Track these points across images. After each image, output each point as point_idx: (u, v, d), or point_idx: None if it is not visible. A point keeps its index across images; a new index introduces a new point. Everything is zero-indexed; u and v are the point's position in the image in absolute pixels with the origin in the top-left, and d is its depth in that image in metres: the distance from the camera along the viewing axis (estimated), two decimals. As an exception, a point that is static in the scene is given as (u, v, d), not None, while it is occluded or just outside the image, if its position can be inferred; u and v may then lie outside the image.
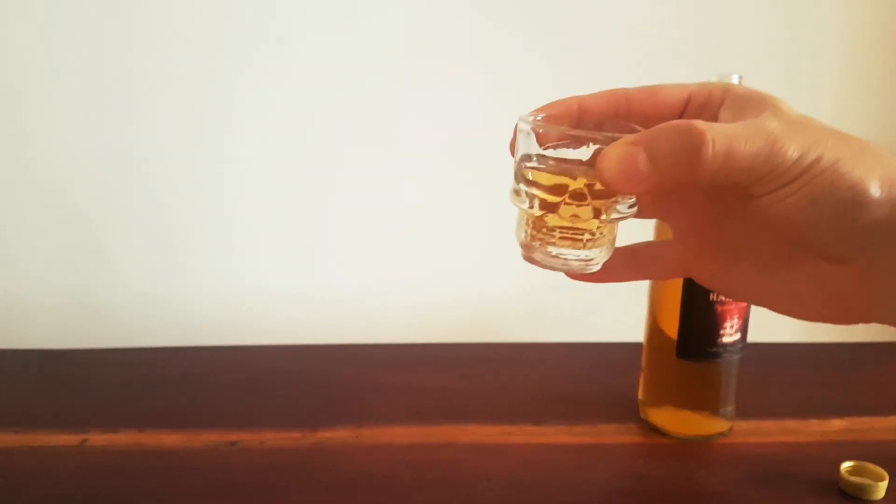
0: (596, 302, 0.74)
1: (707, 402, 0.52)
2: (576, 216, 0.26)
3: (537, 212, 0.27)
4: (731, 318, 0.49)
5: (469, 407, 0.56)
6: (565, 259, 0.27)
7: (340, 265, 0.75)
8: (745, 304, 0.50)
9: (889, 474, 0.45)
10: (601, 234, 0.27)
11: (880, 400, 0.59)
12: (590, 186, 0.26)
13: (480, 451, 0.50)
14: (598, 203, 0.26)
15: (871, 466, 0.46)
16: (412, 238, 0.75)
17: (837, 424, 0.54)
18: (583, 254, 0.27)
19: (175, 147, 0.70)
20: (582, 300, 0.75)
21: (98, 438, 0.51)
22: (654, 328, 0.53)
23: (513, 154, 0.28)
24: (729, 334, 0.50)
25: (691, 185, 0.24)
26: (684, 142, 0.23)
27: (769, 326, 0.59)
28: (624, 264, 0.31)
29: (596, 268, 0.28)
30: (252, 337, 0.71)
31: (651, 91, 0.28)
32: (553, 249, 0.27)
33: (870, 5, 0.73)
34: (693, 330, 0.50)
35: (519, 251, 0.29)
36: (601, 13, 0.70)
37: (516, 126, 0.27)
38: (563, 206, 0.26)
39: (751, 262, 0.28)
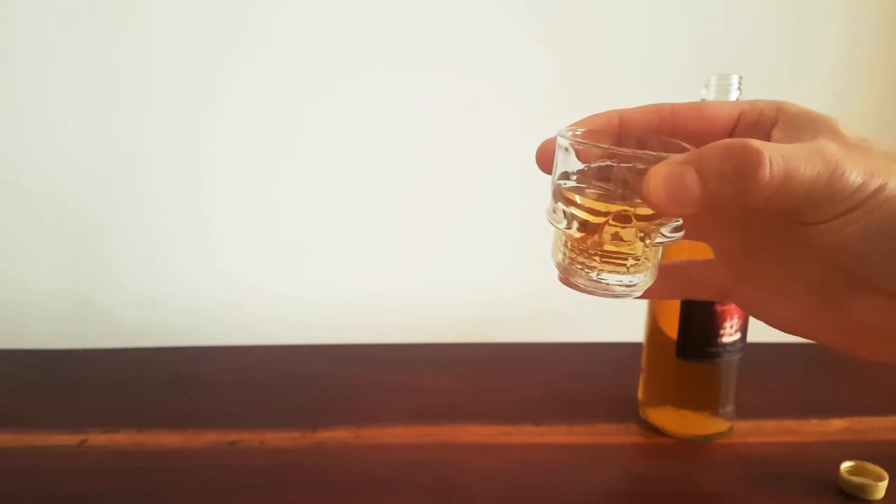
0: (596, 302, 0.74)
1: (707, 402, 0.52)
2: (620, 240, 0.25)
3: (577, 234, 0.25)
4: (731, 318, 0.49)
5: (469, 407, 0.56)
6: (607, 284, 0.25)
7: (340, 265, 0.75)
8: (745, 304, 0.50)
9: (889, 474, 0.45)
10: (646, 258, 0.25)
11: (880, 400, 0.59)
12: (635, 208, 0.24)
13: (480, 451, 0.50)
14: (643, 225, 0.24)
15: (871, 466, 0.46)
16: (412, 238, 0.75)
17: (837, 424, 0.54)
18: (626, 279, 0.25)
19: (176, 147, 0.70)
20: (582, 301, 0.75)
21: (98, 438, 0.51)
22: (654, 328, 0.53)
23: (540, 166, 0.27)
24: (729, 334, 0.50)
25: (744, 208, 0.22)
26: (739, 161, 0.21)
27: (769, 326, 0.59)
28: (662, 283, 0.29)
29: (639, 293, 0.26)
30: (252, 337, 0.71)
31: (698, 107, 0.26)
32: (595, 274, 0.25)
33: (870, 5, 0.73)
34: (693, 330, 0.50)
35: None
36: (602, 13, 0.70)
37: (555, 140, 0.26)
38: (606, 229, 0.24)
39: (797, 292, 0.26)
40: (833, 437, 0.53)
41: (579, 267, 0.26)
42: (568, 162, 0.25)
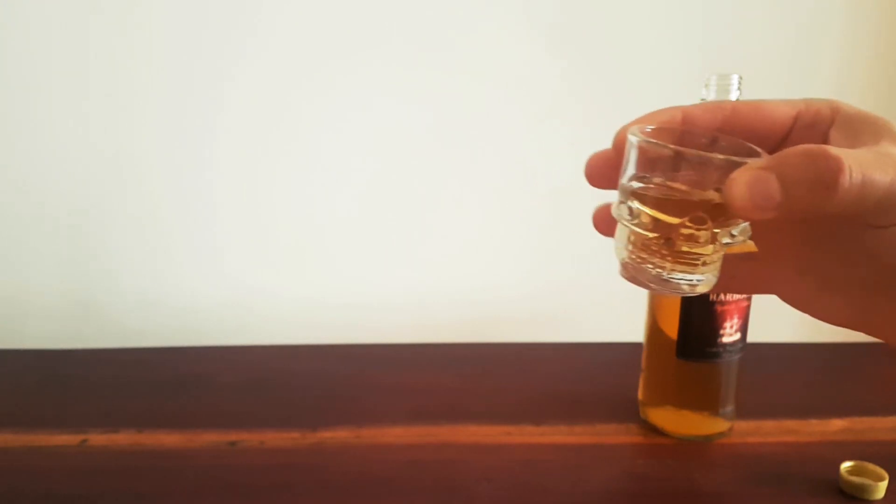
0: (596, 302, 0.74)
1: (707, 402, 0.52)
2: (694, 241, 0.25)
3: (650, 234, 0.26)
4: (731, 318, 0.49)
5: (469, 407, 0.56)
6: (677, 283, 0.26)
7: (341, 266, 0.75)
8: (745, 304, 0.50)
9: (889, 474, 0.45)
10: (717, 258, 0.26)
11: (880, 400, 0.59)
12: (711, 210, 0.25)
13: (480, 451, 0.50)
14: (716, 227, 0.25)
15: (871, 466, 0.46)
16: (412, 239, 0.75)
17: (837, 424, 0.54)
18: (695, 278, 0.26)
19: (177, 147, 0.70)
20: (582, 301, 0.75)
21: (98, 438, 0.51)
22: (654, 328, 0.53)
23: (593, 181, 0.27)
24: (729, 334, 0.50)
25: (818, 214, 0.22)
26: (820, 169, 0.21)
27: (769, 326, 0.59)
28: None
29: (704, 290, 0.27)
30: (252, 337, 0.71)
31: (757, 106, 0.27)
32: (665, 274, 0.26)
33: (870, 5, 0.73)
34: (693, 330, 0.50)
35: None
36: (603, 13, 0.70)
37: (625, 138, 0.26)
38: (681, 230, 0.25)
39: (847, 290, 0.27)
40: (833, 437, 0.53)
41: (650, 267, 0.26)
42: (639, 161, 0.25)
